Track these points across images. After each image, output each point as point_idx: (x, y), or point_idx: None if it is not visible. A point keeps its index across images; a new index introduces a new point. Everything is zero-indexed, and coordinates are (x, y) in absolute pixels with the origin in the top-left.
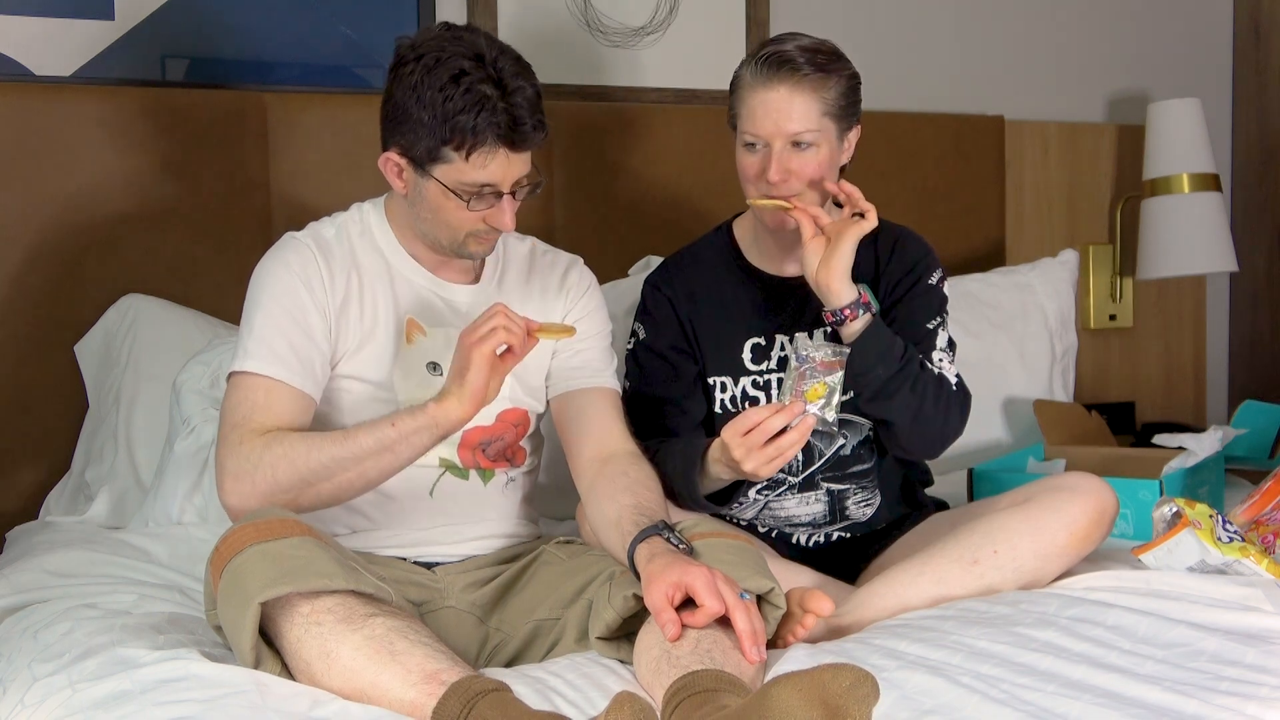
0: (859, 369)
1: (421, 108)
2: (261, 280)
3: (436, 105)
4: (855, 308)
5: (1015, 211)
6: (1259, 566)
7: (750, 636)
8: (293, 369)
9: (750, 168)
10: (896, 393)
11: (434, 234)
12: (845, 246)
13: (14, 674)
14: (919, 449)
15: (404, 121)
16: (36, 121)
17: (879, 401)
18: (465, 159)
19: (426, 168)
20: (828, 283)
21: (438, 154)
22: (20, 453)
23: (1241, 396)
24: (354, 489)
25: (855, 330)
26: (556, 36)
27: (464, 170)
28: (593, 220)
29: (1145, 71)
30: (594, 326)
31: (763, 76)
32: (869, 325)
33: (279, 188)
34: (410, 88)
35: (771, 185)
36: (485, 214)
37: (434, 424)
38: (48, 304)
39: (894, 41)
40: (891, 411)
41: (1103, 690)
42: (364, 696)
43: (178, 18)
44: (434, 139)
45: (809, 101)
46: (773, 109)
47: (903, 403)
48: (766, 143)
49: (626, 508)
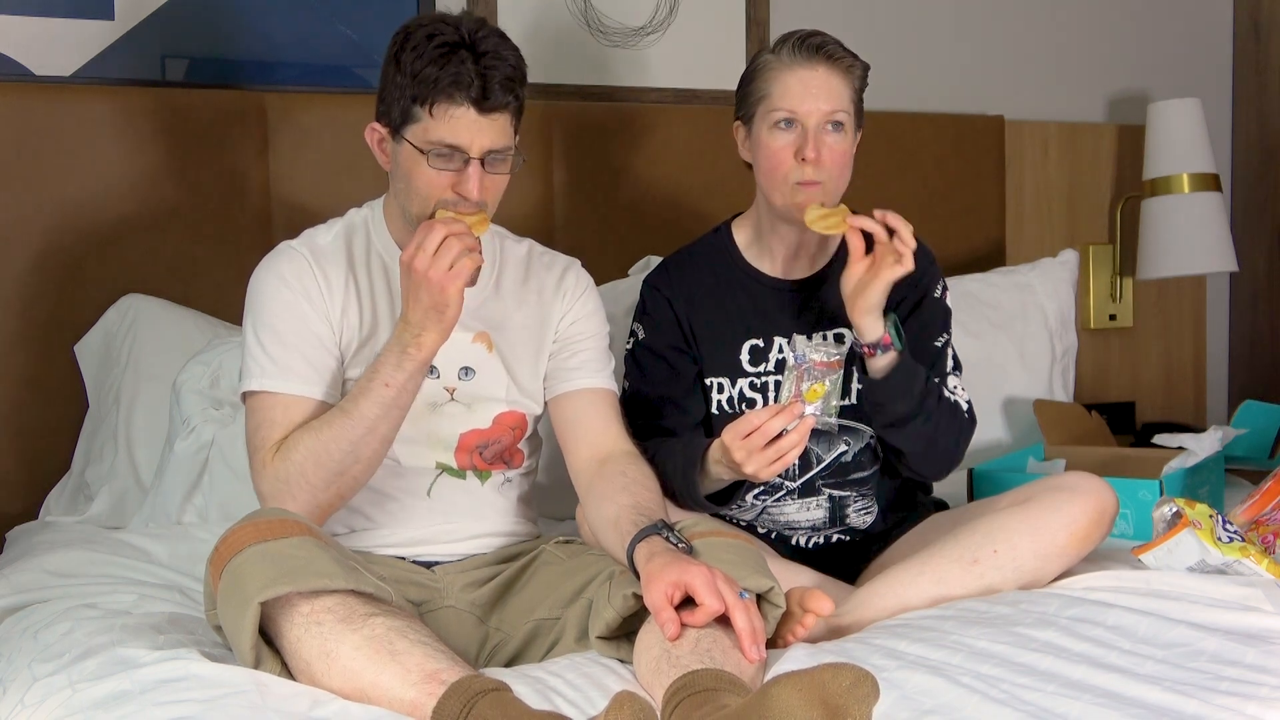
0: (877, 399)
1: (398, 71)
2: (258, 294)
3: (409, 65)
4: (874, 347)
5: (1015, 211)
6: (1259, 566)
7: (750, 635)
8: (305, 379)
9: (783, 150)
10: (911, 424)
11: (408, 206)
12: (878, 288)
13: (14, 674)
14: (926, 473)
15: (384, 90)
16: (37, 121)
17: (893, 430)
18: (430, 114)
19: (401, 131)
20: (857, 319)
21: (409, 113)
22: (20, 453)
23: (1241, 396)
24: (379, 456)
25: (877, 367)
26: (556, 36)
27: (429, 128)
28: (593, 220)
29: (1145, 71)
30: (591, 328)
31: (802, 56)
32: (891, 362)
33: (279, 188)
34: (391, 58)
35: (806, 164)
36: (453, 180)
37: (423, 364)
38: (48, 304)
39: (894, 42)
40: (905, 441)
41: (1103, 690)
42: (364, 696)
43: (178, 18)
44: (405, 98)
45: (842, 84)
46: (813, 86)
47: (916, 433)
48: (802, 121)
49: (625, 507)
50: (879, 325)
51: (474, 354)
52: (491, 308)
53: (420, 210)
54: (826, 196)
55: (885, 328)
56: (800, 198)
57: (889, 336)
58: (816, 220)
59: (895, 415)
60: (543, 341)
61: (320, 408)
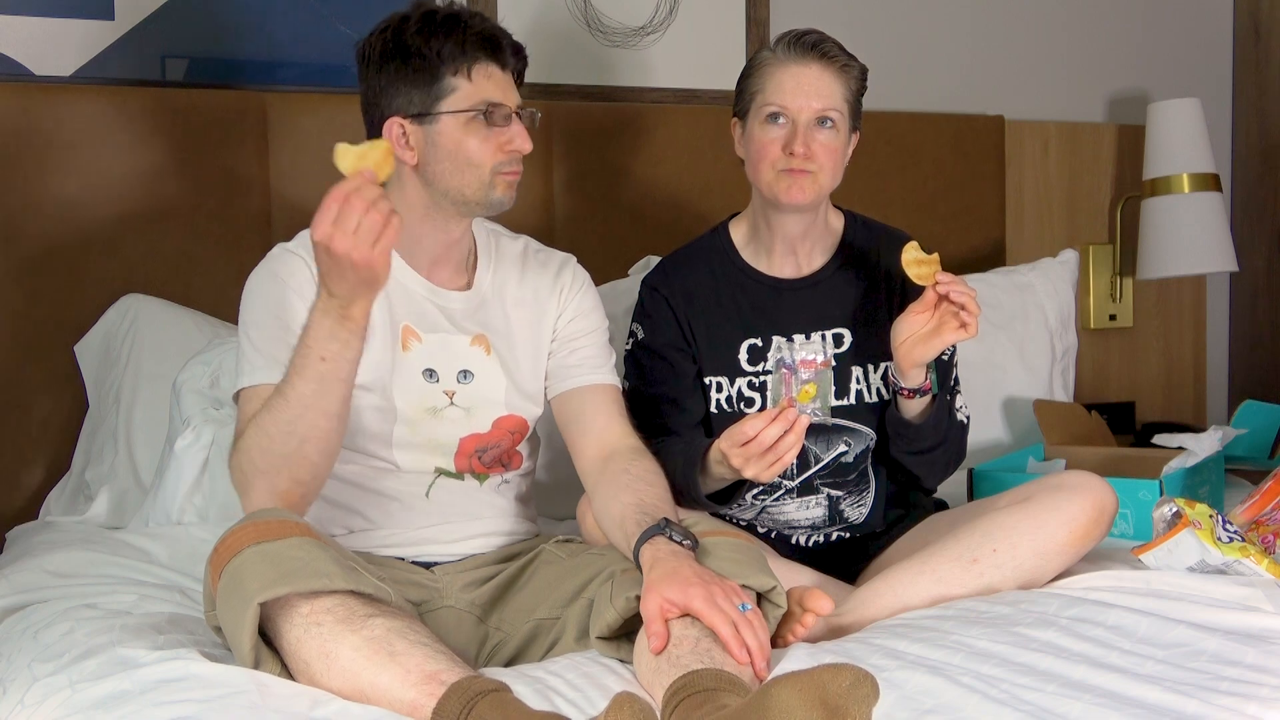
0: (905, 434)
1: (404, 59)
2: (253, 294)
3: (419, 46)
4: (914, 392)
5: (1015, 211)
6: (1259, 566)
7: (760, 652)
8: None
9: (771, 143)
10: (933, 453)
11: (458, 186)
12: (936, 346)
13: (14, 674)
14: (929, 482)
15: (390, 84)
16: (37, 121)
17: (915, 457)
18: (469, 79)
19: (433, 110)
20: (904, 367)
21: (440, 89)
22: (20, 453)
23: (1241, 396)
24: (329, 434)
25: (912, 409)
26: (556, 36)
27: (469, 92)
28: (593, 220)
29: (1145, 71)
30: (590, 324)
31: (796, 54)
32: (926, 405)
33: (279, 187)
34: (383, 53)
35: (794, 158)
36: (505, 140)
37: (357, 332)
38: (48, 304)
39: (894, 42)
40: (921, 466)
41: (1103, 690)
42: (363, 697)
43: (178, 18)
44: (429, 76)
45: (836, 83)
46: (805, 83)
47: (934, 459)
48: (792, 117)
49: (629, 506)
50: (920, 374)
51: (472, 357)
52: (488, 309)
53: (478, 184)
54: (817, 187)
55: (927, 374)
56: (785, 184)
57: (930, 381)
58: (912, 263)
59: (920, 447)
60: (541, 341)
61: None
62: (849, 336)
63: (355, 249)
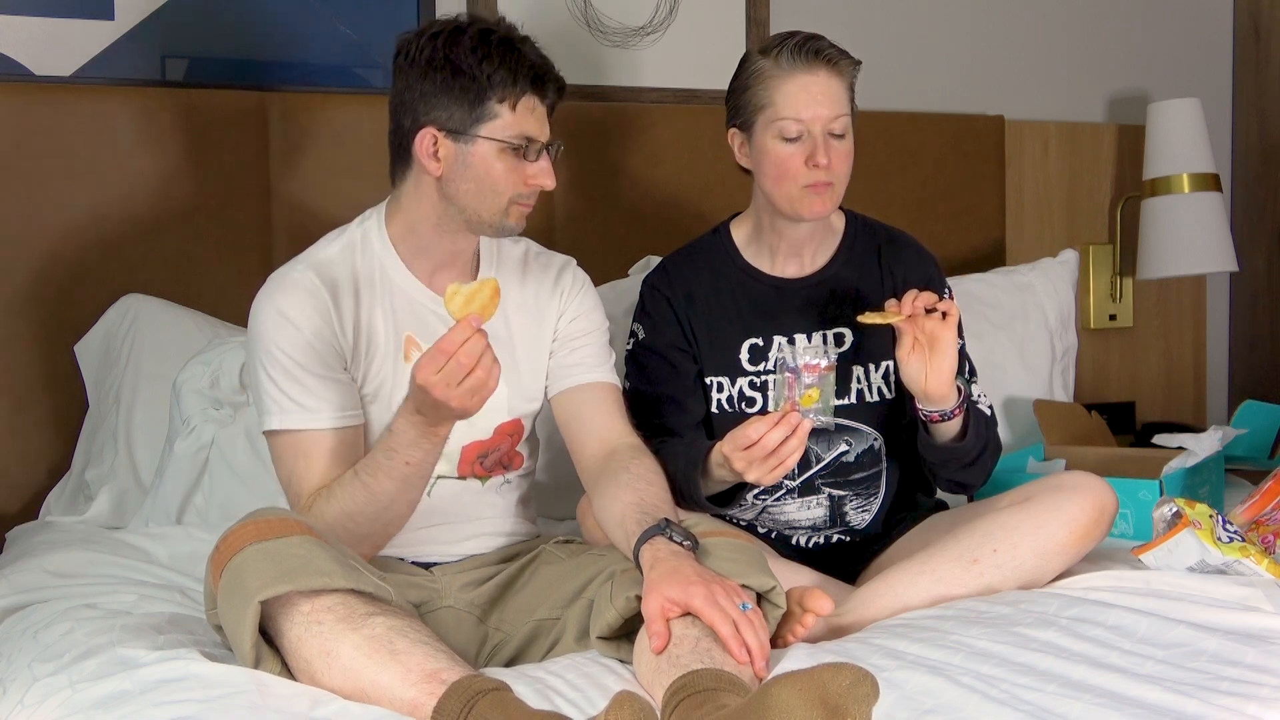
0: (956, 455)
1: (453, 72)
2: (260, 332)
3: (471, 65)
4: (943, 415)
5: (1015, 211)
6: (1259, 566)
7: (760, 652)
8: (321, 412)
9: (791, 159)
10: (979, 460)
11: (476, 208)
12: (949, 352)
13: (14, 674)
14: (979, 483)
15: (432, 94)
16: (37, 122)
17: (964, 471)
18: (512, 109)
19: (470, 131)
20: (941, 392)
21: (482, 112)
22: (20, 453)
23: (1241, 396)
24: (406, 515)
25: (946, 432)
26: (556, 36)
27: (510, 122)
28: (593, 220)
29: (1145, 71)
30: (590, 324)
31: (802, 62)
32: (958, 427)
33: (279, 188)
34: (430, 60)
35: (819, 170)
36: (531, 175)
37: (441, 442)
38: (48, 304)
39: (894, 42)
40: (970, 476)
41: (1103, 690)
42: (364, 696)
43: (178, 18)
44: (475, 98)
45: (841, 86)
46: (816, 93)
47: (983, 464)
48: (809, 129)
49: (629, 505)
50: (954, 395)
51: None
52: None
53: (494, 210)
54: (836, 196)
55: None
56: (809, 200)
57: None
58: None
59: (969, 459)
60: (542, 344)
61: (343, 431)
62: (850, 336)
63: (455, 399)
